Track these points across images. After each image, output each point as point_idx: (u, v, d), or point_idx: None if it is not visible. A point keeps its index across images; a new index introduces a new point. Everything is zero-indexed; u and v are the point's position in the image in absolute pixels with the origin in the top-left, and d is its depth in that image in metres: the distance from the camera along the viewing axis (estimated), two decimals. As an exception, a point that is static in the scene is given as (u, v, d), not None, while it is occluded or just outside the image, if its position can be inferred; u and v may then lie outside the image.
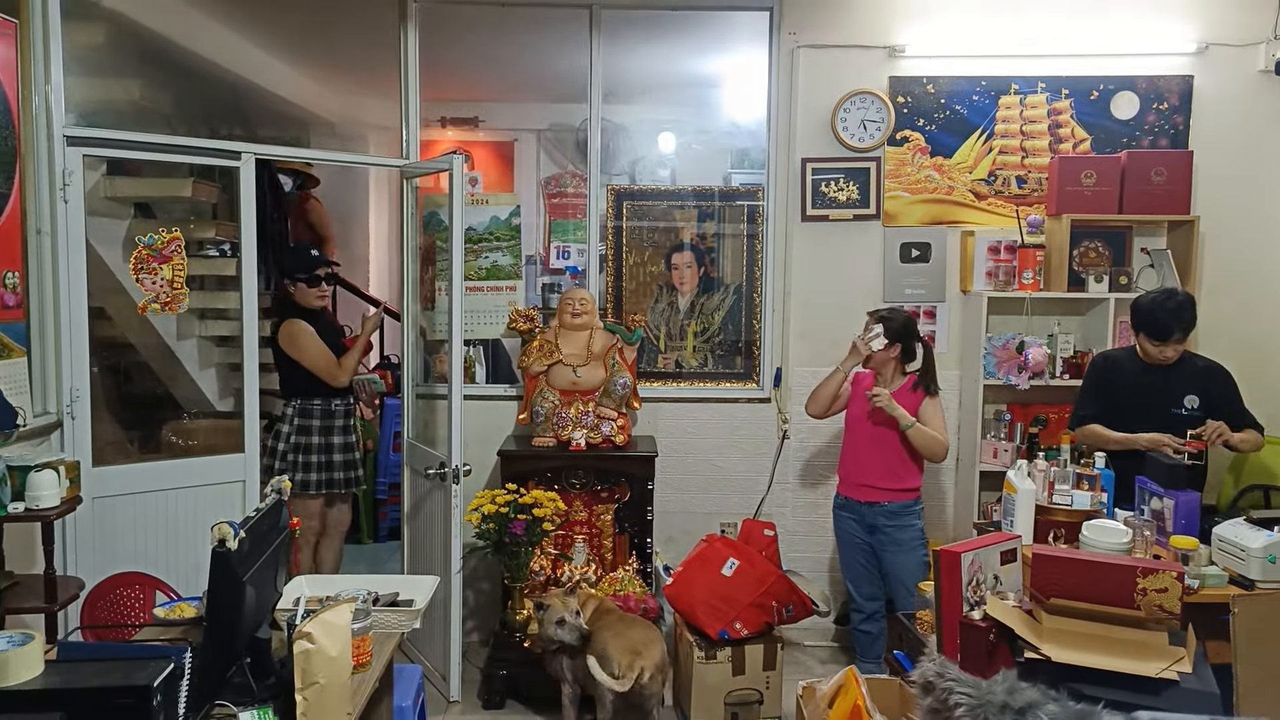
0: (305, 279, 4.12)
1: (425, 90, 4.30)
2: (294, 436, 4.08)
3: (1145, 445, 3.29)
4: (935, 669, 2.12)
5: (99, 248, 3.95)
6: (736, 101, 5.00)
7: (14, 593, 2.88)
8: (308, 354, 4.05)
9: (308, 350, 4.06)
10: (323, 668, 1.84)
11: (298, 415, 4.10)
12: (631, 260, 4.48)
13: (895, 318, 3.67)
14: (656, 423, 4.38)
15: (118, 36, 4.11)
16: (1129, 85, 4.25)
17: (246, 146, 3.75)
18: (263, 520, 2.08)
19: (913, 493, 3.65)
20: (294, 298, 4.14)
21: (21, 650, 1.47)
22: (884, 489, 3.62)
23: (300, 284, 4.12)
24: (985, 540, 2.46)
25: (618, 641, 3.20)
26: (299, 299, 4.13)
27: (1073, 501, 3.02)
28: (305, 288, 4.12)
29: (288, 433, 4.08)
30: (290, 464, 4.06)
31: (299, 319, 4.07)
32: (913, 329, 3.70)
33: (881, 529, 3.62)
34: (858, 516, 3.69)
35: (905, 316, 3.72)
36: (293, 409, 4.10)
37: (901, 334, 3.64)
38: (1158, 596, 2.09)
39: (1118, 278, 4.12)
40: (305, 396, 4.12)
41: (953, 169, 4.30)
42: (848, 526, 3.74)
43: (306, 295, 4.13)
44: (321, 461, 4.10)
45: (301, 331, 4.06)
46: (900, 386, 3.66)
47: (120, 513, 3.53)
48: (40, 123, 3.33)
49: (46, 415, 3.39)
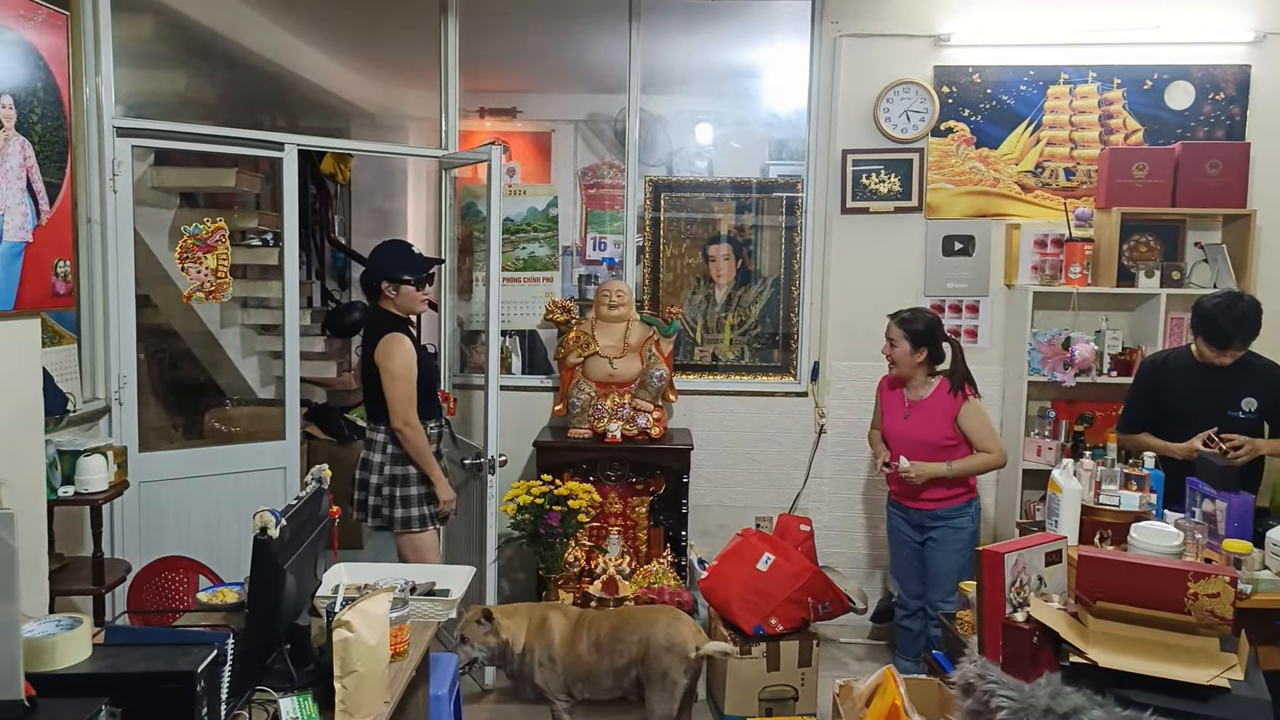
0: (414, 280, 3.42)
1: (464, 81, 4.31)
2: (388, 467, 3.42)
3: (1181, 455, 3.21)
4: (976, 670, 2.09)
5: (145, 236, 4.02)
6: (775, 92, 4.95)
7: (63, 574, 2.95)
8: (399, 382, 3.33)
9: (400, 378, 3.33)
10: (361, 656, 1.85)
11: (391, 443, 3.41)
12: (669, 252, 4.46)
13: (917, 319, 3.51)
14: (692, 415, 4.36)
15: (165, 29, 4.16)
16: (1184, 75, 4.14)
17: (289, 137, 3.79)
18: (304, 509, 2.09)
19: (962, 496, 3.54)
20: (390, 303, 3.42)
21: (70, 634, 1.50)
22: (931, 499, 3.54)
23: (405, 286, 3.40)
24: (1029, 541, 2.42)
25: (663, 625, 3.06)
26: (399, 304, 3.42)
27: (1120, 502, 2.95)
28: (412, 291, 3.42)
29: (380, 462, 3.42)
30: (387, 499, 3.42)
31: (403, 334, 3.40)
32: (936, 329, 3.53)
33: (930, 529, 3.56)
34: (907, 517, 3.63)
35: (929, 317, 3.55)
36: (384, 435, 3.41)
37: (925, 337, 3.49)
38: (1209, 601, 2.03)
39: (1170, 273, 4.02)
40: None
41: (998, 160, 4.22)
42: (898, 525, 3.68)
43: (411, 300, 3.43)
44: (424, 494, 3.43)
45: (406, 353, 3.36)
46: (934, 391, 3.53)
47: (165, 497, 3.59)
48: (91, 114, 3.39)
49: (95, 401, 3.46)
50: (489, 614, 3.07)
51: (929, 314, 3.59)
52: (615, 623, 3.11)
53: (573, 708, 3.11)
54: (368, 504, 3.43)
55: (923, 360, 3.51)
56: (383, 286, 3.40)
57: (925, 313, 3.59)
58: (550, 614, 3.15)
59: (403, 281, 3.40)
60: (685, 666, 2.99)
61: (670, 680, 2.98)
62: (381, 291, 3.41)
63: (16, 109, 2.41)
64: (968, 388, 3.51)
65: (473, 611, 3.08)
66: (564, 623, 3.12)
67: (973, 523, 3.56)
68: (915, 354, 3.49)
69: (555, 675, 3.05)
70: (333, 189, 6.25)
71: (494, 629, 3.06)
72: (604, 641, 3.05)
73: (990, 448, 3.47)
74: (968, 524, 3.54)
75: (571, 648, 3.06)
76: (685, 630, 3.04)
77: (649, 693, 3.00)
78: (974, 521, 3.57)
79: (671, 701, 2.99)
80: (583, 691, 3.08)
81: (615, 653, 3.03)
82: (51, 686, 1.38)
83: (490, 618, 3.06)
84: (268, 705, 1.82)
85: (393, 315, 3.43)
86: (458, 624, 3.06)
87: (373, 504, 3.42)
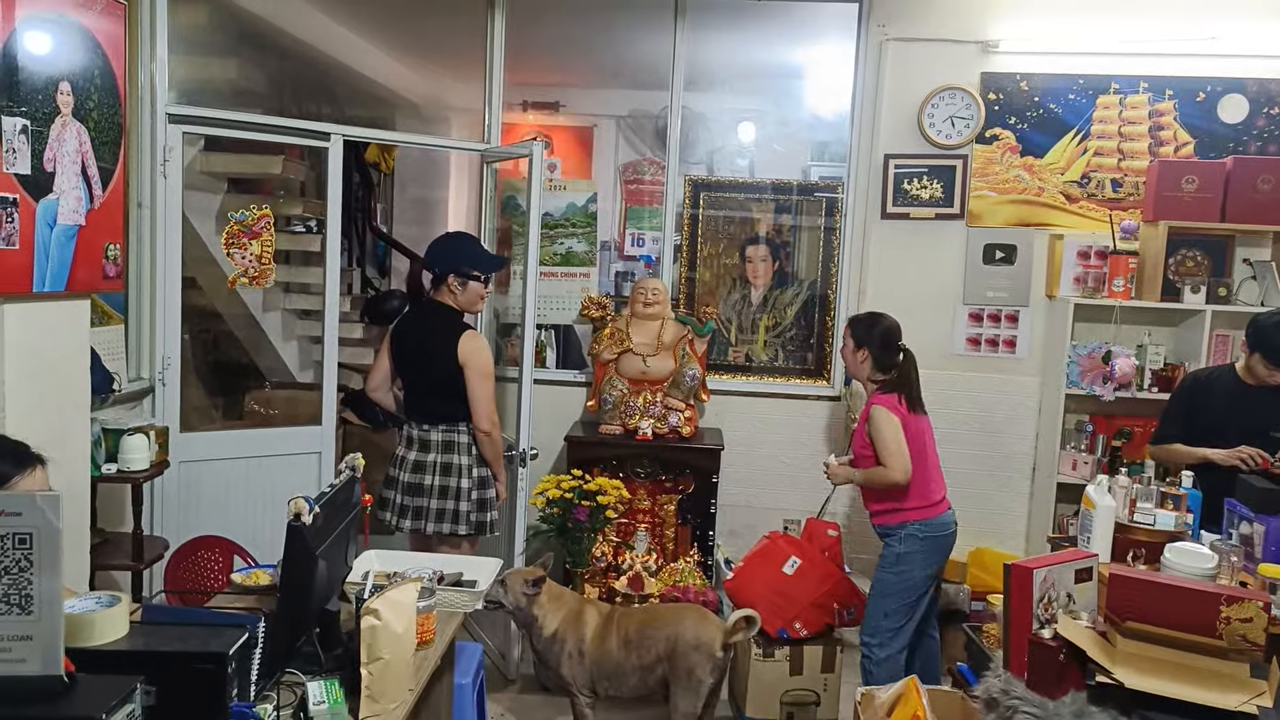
0: (484, 278, 3.40)
1: (508, 73, 4.33)
2: (476, 469, 3.38)
3: (1221, 460, 3.17)
4: (1001, 686, 2.09)
5: (194, 220, 4.10)
6: (819, 94, 4.93)
7: (104, 549, 3.03)
8: (488, 380, 3.32)
9: (489, 376, 3.32)
10: (387, 644, 1.89)
11: (475, 444, 3.36)
12: (706, 251, 4.46)
13: (867, 321, 3.34)
14: (724, 416, 4.37)
15: (218, 17, 4.24)
16: (1238, 88, 4.05)
17: (335, 127, 3.84)
18: (337, 496, 2.13)
19: (890, 514, 3.24)
20: (451, 297, 3.37)
21: (109, 612, 1.55)
22: (871, 512, 3.34)
23: (474, 282, 3.37)
24: (1060, 556, 2.39)
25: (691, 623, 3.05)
26: (461, 300, 3.37)
27: (1155, 521, 2.90)
28: (479, 287, 3.39)
29: (468, 465, 3.35)
30: (476, 504, 3.36)
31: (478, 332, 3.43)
32: (882, 334, 3.28)
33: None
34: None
35: (883, 322, 3.32)
36: (467, 435, 3.35)
37: (866, 339, 3.28)
38: (1241, 626, 2.00)
39: (1216, 289, 3.94)
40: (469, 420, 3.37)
41: (1044, 169, 4.17)
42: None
43: (474, 297, 3.40)
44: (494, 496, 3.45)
45: (490, 351, 3.39)
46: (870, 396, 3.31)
47: (204, 478, 3.67)
48: (144, 101, 3.46)
49: (140, 381, 3.55)
50: (540, 581, 3.03)
51: (885, 320, 3.34)
52: (643, 620, 3.12)
53: (594, 704, 3.13)
54: (449, 511, 3.31)
55: (865, 362, 3.30)
56: (449, 280, 3.34)
57: (882, 318, 3.35)
58: (587, 608, 3.16)
59: (472, 277, 3.35)
60: (711, 665, 3.00)
61: (696, 678, 2.99)
62: (446, 284, 3.35)
63: (74, 95, 2.48)
64: (885, 395, 3.24)
65: (531, 570, 3.04)
66: (597, 619, 3.13)
67: (902, 546, 3.20)
68: (856, 354, 3.30)
69: (582, 670, 3.07)
70: (376, 178, 6.33)
71: (534, 598, 3.03)
72: (632, 638, 3.06)
73: (886, 461, 3.15)
74: (896, 547, 3.22)
75: (601, 644, 3.08)
76: (712, 629, 3.05)
77: (674, 690, 3.01)
78: (905, 546, 3.20)
79: (696, 700, 3.00)
80: (607, 689, 3.09)
81: (643, 649, 3.04)
82: (89, 662, 1.42)
83: (539, 585, 3.03)
84: (296, 688, 1.86)
85: (456, 311, 3.37)
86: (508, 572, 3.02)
87: (465, 511, 3.32)
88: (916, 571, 3.23)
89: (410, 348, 3.40)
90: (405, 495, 3.35)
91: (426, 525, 3.33)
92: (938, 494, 3.28)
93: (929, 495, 3.24)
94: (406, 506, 3.35)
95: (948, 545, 3.30)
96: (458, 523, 3.33)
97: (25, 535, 1.26)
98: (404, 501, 3.35)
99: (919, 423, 3.28)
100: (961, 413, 4.28)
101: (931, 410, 4.22)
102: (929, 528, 3.22)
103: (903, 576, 3.22)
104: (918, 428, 3.25)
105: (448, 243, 3.53)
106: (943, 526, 3.26)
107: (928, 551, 3.23)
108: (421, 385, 3.39)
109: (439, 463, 3.34)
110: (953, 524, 3.31)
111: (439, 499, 3.32)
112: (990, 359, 4.26)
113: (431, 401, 3.37)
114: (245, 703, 1.64)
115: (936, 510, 3.25)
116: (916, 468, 3.18)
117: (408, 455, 3.38)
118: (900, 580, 3.23)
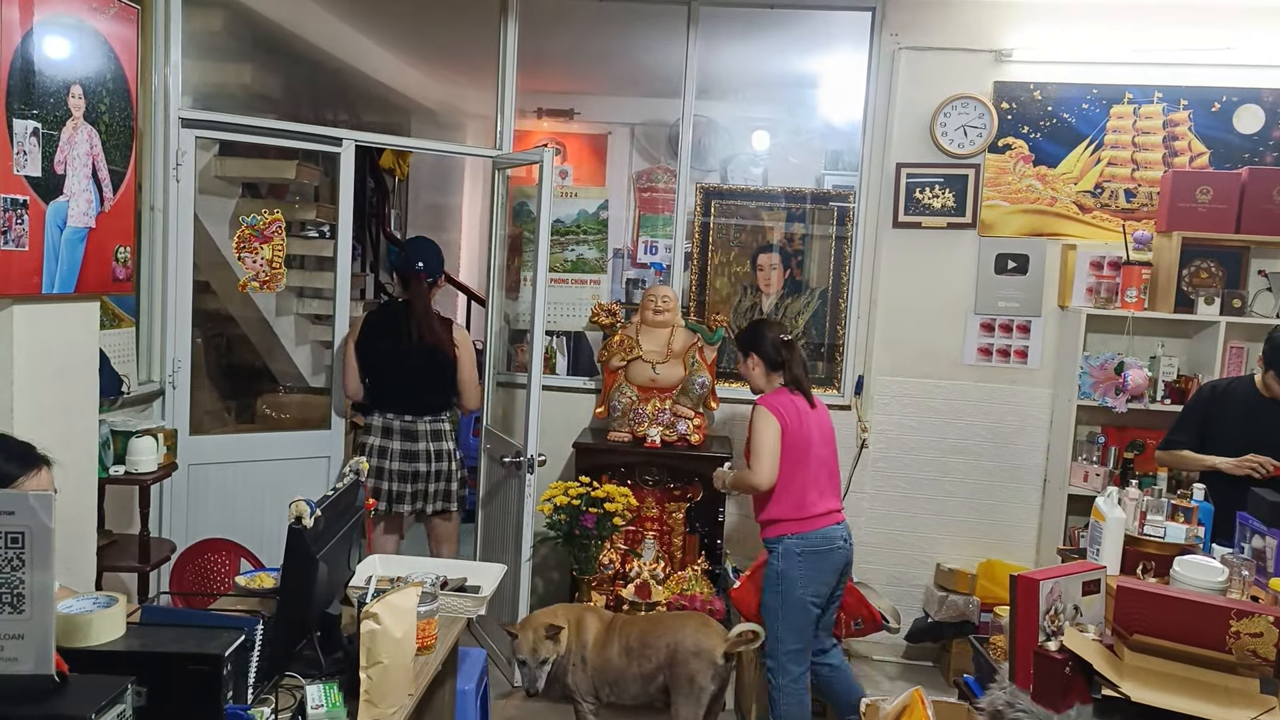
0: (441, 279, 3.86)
1: (522, 81, 4.34)
2: (458, 452, 3.84)
3: (1229, 469, 3.14)
4: (1006, 698, 2.06)
5: (207, 224, 4.13)
6: (832, 102, 4.92)
7: (111, 551, 3.04)
8: (472, 364, 3.78)
9: (473, 361, 3.79)
10: (387, 648, 1.88)
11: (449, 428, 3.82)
12: (717, 259, 4.45)
13: (742, 331, 3.31)
14: (733, 425, 4.35)
15: (232, 22, 4.27)
16: (1254, 98, 4.01)
17: (348, 133, 3.86)
18: (339, 500, 2.14)
19: (768, 527, 3.10)
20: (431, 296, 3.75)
21: (105, 612, 1.55)
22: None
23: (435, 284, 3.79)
24: (1068, 568, 2.36)
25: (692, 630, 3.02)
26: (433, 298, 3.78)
27: (1165, 534, 2.87)
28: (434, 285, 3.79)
29: (452, 449, 3.80)
30: (460, 481, 3.83)
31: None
32: (762, 335, 3.20)
33: None
34: None
35: (755, 326, 3.28)
36: (449, 423, 3.79)
37: (748, 343, 3.22)
38: (1251, 641, 1.97)
39: (1230, 300, 3.90)
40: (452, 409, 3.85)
41: (1056, 179, 4.14)
42: None
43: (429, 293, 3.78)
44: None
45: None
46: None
47: (213, 480, 3.69)
48: (158, 105, 3.49)
49: (150, 384, 3.57)
50: (555, 629, 2.97)
51: (763, 322, 3.31)
52: (645, 627, 3.10)
53: (598, 710, 3.11)
54: (442, 491, 3.74)
55: (758, 368, 3.21)
56: (438, 280, 3.77)
57: (760, 323, 3.32)
58: (586, 615, 3.15)
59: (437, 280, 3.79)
60: (713, 673, 2.98)
61: (697, 686, 2.97)
62: (435, 284, 3.76)
63: (86, 98, 2.50)
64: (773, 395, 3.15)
65: (537, 631, 2.95)
66: (598, 625, 3.12)
67: (781, 563, 3.02)
68: (748, 363, 3.23)
69: (585, 678, 3.06)
70: (390, 184, 6.36)
71: (558, 636, 2.97)
72: (633, 646, 3.05)
73: (752, 464, 3.05)
74: (775, 564, 3.04)
75: (603, 650, 3.06)
76: (714, 637, 3.03)
77: (675, 698, 2.99)
78: (783, 563, 3.02)
79: (698, 708, 2.98)
80: (610, 695, 3.08)
81: (644, 657, 3.03)
82: (84, 663, 1.42)
83: (557, 630, 2.97)
84: (295, 691, 1.86)
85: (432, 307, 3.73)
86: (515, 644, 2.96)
87: (454, 490, 3.77)
88: (796, 590, 3.01)
89: (402, 345, 3.66)
90: (399, 482, 3.66)
91: (428, 506, 3.72)
92: (819, 506, 3.06)
93: (806, 507, 3.03)
94: (404, 492, 3.67)
95: (833, 563, 3.07)
96: (450, 501, 3.78)
97: (18, 534, 1.27)
98: (399, 488, 3.66)
99: (806, 428, 3.08)
100: (972, 423, 4.24)
101: (942, 421, 4.26)
102: (806, 542, 3.01)
103: (783, 597, 3.03)
104: (803, 434, 3.06)
105: (429, 246, 3.82)
106: (825, 541, 3.04)
107: (807, 570, 3.01)
108: (414, 379, 3.69)
109: (431, 450, 3.70)
110: (840, 540, 3.08)
111: (436, 482, 3.71)
112: (1002, 369, 4.23)
113: (426, 394, 3.71)
114: (241, 705, 1.63)
115: (817, 524, 3.04)
116: (793, 475, 3.02)
117: (390, 445, 3.67)
118: (781, 601, 3.04)
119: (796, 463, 3.03)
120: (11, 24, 2.23)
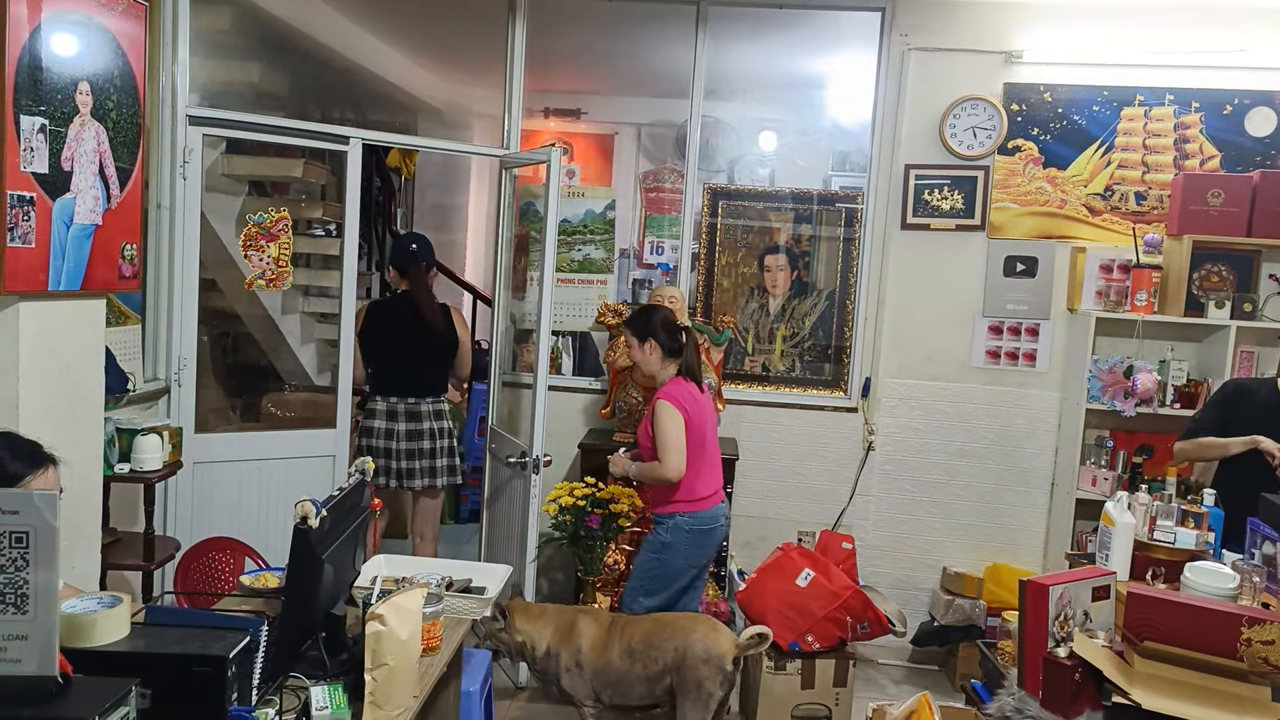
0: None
1: (530, 80, 4.33)
2: (452, 429, 4.14)
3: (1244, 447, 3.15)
4: (1014, 704, 2.05)
5: (214, 222, 4.13)
6: (840, 103, 4.90)
7: (115, 549, 3.03)
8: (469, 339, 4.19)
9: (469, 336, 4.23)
10: (392, 650, 1.87)
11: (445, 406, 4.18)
12: (724, 260, 4.44)
13: (637, 313, 3.43)
14: (739, 425, 4.33)
15: (240, 20, 4.27)
16: (1266, 101, 3.99)
17: (355, 132, 3.85)
18: (345, 500, 2.13)
19: (661, 505, 3.29)
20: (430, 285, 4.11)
21: (110, 612, 1.54)
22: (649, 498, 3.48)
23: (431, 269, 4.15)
24: (1077, 574, 2.35)
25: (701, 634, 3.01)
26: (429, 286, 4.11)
27: (1175, 539, 2.84)
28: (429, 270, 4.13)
29: (450, 427, 4.13)
30: (459, 455, 4.15)
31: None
32: (658, 321, 3.29)
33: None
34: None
35: (648, 308, 3.42)
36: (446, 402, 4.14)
37: (644, 329, 3.29)
38: (1263, 648, 1.95)
39: (1241, 304, 3.87)
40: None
41: (1066, 181, 4.12)
42: None
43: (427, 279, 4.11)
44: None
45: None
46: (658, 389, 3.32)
47: (218, 479, 3.68)
48: (165, 102, 3.49)
49: (156, 381, 3.56)
50: (503, 611, 3.05)
51: (656, 308, 3.41)
52: (650, 629, 3.07)
53: (601, 712, 3.10)
54: (445, 466, 4.03)
55: (654, 353, 3.28)
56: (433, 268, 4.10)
57: (653, 308, 3.43)
58: (580, 619, 3.13)
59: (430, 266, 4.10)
60: (721, 678, 2.97)
61: (705, 691, 2.95)
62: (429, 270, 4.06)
63: (93, 95, 2.49)
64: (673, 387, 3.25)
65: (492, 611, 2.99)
66: (595, 628, 3.10)
67: (669, 536, 3.26)
68: (644, 348, 3.29)
69: (583, 681, 3.04)
70: (397, 183, 6.35)
71: (507, 626, 3.05)
72: (637, 648, 3.03)
73: (662, 457, 3.18)
74: (662, 535, 3.28)
75: (602, 653, 3.04)
76: (723, 641, 3.01)
77: (682, 702, 2.97)
78: (670, 536, 3.26)
79: (705, 712, 2.96)
80: (611, 697, 3.06)
81: (649, 660, 3.01)
82: (88, 663, 1.41)
83: (505, 615, 3.05)
84: (300, 692, 1.85)
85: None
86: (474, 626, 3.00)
87: (459, 465, 4.09)
88: (677, 560, 3.29)
89: (413, 332, 3.96)
90: (405, 461, 3.95)
91: (437, 481, 4.02)
92: (708, 489, 3.31)
93: (697, 490, 3.27)
94: (411, 469, 3.96)
95: (715, 539, 3.37)
96: (454, 475, 4.10)
97: (22, 534, 1.26)
98: (405, 466, 3.95)
99: (702, 417, 3.29)
100: (980, 426, 4.22)
101: (949, 424, 4.24)
102: (696, 520, 3.28)
103: (662, 563, 3.30)
104: (700, 423, 3.27)
105: (420, 236, 4.18)
106: (710, 520, 3.31)
107: (692, 544, 3.29)
108: (421, 363, 4.01)
109: (433, 429, 3.99)
110: (722, 518, 3.37)
111: (442, 458, 4.02)
112: (1010, 372, 4.20)
113: (430, 376, 4.02)
114: (246, 707, 1.62)
115: (705, 504, 3.30)
116: (692, 464, 3.22)
117: (395, 426, 3.95)
118: (659, 566, 3.30)
119: (695, 452, 3.24)
120: (19, 20, 2.22)
